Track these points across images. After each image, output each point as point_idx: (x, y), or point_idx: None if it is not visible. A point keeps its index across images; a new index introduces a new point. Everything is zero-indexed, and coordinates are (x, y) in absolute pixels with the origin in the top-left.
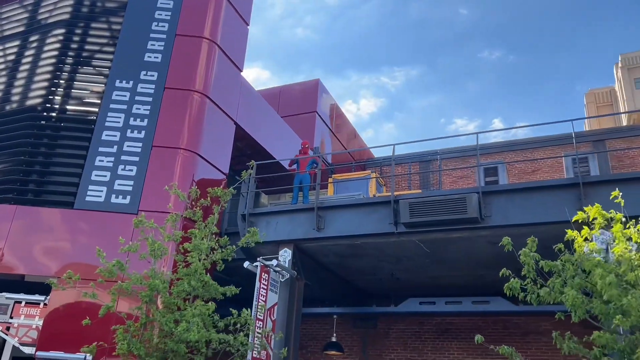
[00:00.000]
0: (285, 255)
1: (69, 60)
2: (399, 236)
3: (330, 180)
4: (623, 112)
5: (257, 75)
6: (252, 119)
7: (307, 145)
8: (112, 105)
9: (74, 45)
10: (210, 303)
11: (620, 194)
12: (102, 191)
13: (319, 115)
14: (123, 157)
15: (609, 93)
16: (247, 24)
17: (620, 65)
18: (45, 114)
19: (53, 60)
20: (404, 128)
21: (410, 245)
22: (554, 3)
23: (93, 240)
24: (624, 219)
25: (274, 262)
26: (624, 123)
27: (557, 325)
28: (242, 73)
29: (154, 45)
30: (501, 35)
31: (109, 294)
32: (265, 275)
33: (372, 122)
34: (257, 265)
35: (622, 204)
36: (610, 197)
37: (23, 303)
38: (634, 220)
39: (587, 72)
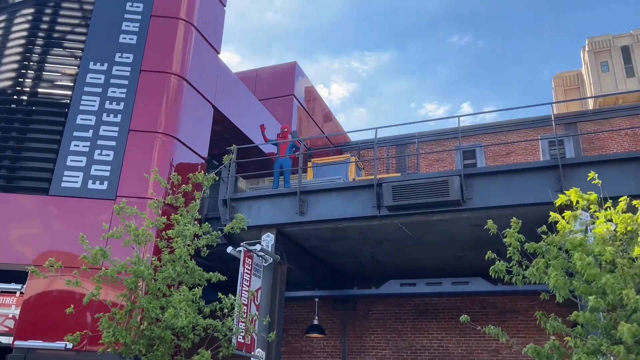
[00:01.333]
0: (268, 239)
1: (39, 41)
2: (381, 219)
3: (309, 164)
4: (599, 96)
5: (228, 59)
6: (230, 102)
7: (286, 130)
8: (86, 89)
9: (44, 26)
10: (197, 288)
11: (597, 175)
12: (78, 177)
13: (296, 99)
14: (99, 142)
15: (576, 77)
16: (224, 5)
17: (587, 49)
18: (15, 97)
19: (22, 42)
20: (376, 112)
21: (392, 228)
22: None
23: (70, 227)
24: (599, 200)
25: (257, 247)
26: (591, 106)
27: (534, 304)
28: (219, 56)
29: (128, 26)
30: (470, 20)
31: (91, 281)
32: (249, 260)
33: (344, 107)
34: (240, 251)
35: (600, 184)
36: (588, 179)
37: None
38: (610, 202)
39: (555, 57)
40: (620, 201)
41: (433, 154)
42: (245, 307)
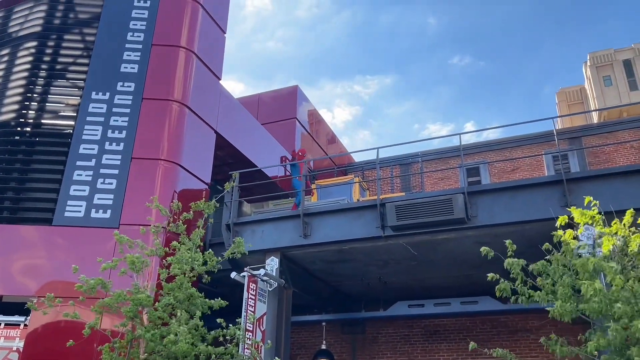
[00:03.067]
0: (272, 263)
1: (42, 73)
2: (386, 240)
3: (313, 186)
4: (603, 109)
5: (232, 88)
6: (233, 127)
7: (302, 153)
8: (88, 118)
9: (46, 58)
10: (196, 313)
11: (602, 188)
12: (81, 206)
13: (299, 122)
14: (102, 171)
15: (579, 92)
16: (224, 32)
17: (589, 63)
18: (19, 129)
19: (26, 74)
20: (380, 135)
21: (397, 248)
22: (521, 7)
23: (73, 257)
24: (600, 216)
25: (262, 271)
26: (595, 120)
27: (545, 322)
28: (220, 82)
29: (129, 55)
30: (470, 41)
31: (92, 311)
32: (253, 285)
33: (348, 130)
34: (244, 276)
35: (597, 204)
36: (585, 203)
37: (2, 325)
38: (616, 221)
39: (556, 74)
40: (627, 214)
41: (438, 173)
42: (250, 334)
